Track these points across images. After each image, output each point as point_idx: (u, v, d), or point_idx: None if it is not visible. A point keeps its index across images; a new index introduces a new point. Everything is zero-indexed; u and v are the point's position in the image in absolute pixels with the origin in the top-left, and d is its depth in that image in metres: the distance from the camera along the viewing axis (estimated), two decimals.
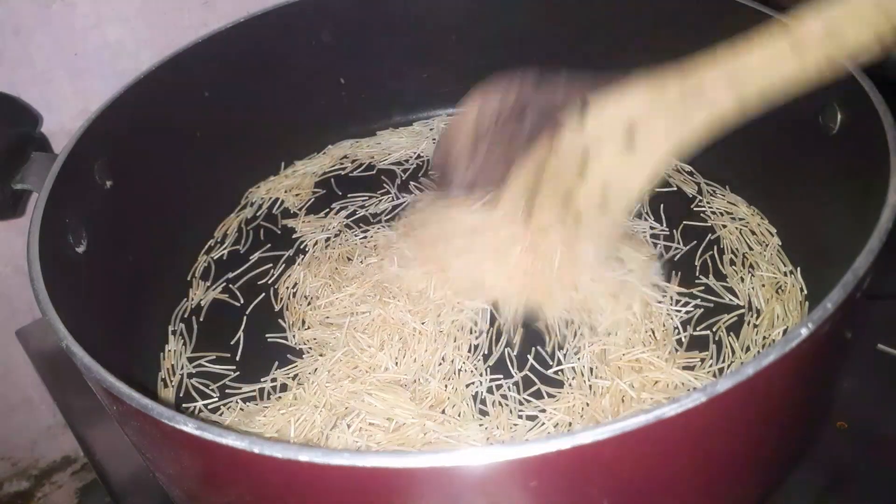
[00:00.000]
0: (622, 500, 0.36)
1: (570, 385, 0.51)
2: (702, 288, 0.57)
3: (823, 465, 0.49)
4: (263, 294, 0.62)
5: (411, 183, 0.71)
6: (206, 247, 0.67)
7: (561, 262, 0.51)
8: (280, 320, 0.59)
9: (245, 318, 0.60)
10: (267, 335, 0.58)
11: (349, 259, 0.63)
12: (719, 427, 0.35)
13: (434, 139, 0.76)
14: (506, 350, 0.55)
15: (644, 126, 0.48)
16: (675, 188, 0.67)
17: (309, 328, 0.57)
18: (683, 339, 0.54)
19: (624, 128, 0.49)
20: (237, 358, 0.57)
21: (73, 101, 0.70)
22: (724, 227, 0.62)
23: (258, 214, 0.70)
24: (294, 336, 0.57)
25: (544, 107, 0.51)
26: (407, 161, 0.74)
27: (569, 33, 0.74)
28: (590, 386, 0.51)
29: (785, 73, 0.43)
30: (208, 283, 0.63)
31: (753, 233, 0.61)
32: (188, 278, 0.64)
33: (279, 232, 0.68)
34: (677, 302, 0.56)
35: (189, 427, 0.33)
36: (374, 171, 0.73)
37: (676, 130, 0.47)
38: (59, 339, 0.41)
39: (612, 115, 0.49)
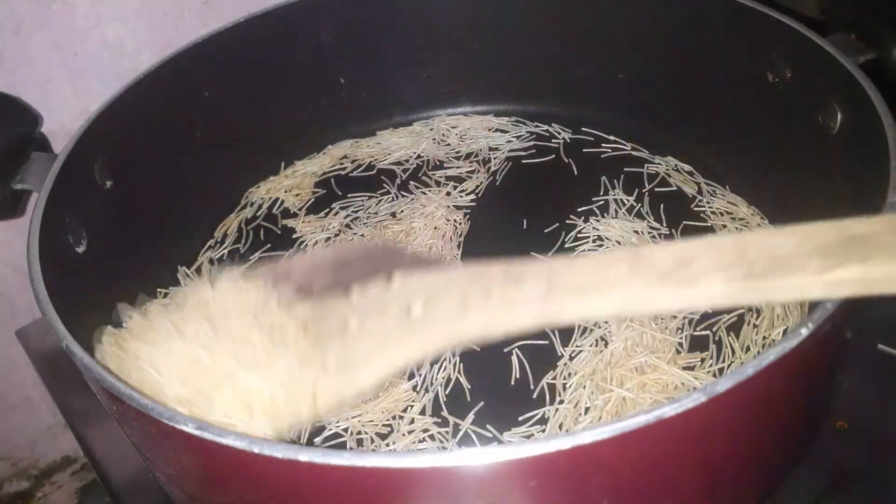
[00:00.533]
0: (622, 500, 0.36)
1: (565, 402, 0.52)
2: None
3: (823, 465, 0.49)
4: None
5: (411, 183, 0.71)
6: (206, 247, 0.67)
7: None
8: None
9: None
10: None
11: None
12: (719, 427, 0.35)
13: (434, 139, 0.76)
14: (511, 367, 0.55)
15: (429, 304, 0.41)
16: (675, 188, 0.67)
17: None
18: (683, 340, 0.54)
19: (409, 300, 0.42)
20: None
21: (73, 101, 0.70)
22: (724, 227, 0.62)
23: (258, 214, 0.70)
24: None
25: (372, 266, 0.46)
26: (407, 161, 0.74)
27: (568, 34, 0.74)
28: (586, 408, 0.50)
29: (617, 293, 0.36)
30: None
31: None
32: (188, 278, 0.64)
33: (279, 232, 0.68)
34: None
35: (189, 427, 0.33)
36: (374, 171, 0.73)
37: (455, 323, 0.40)
38: (59, 339, 0.41)
39: (408, 284, 0.43)
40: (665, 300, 0.36)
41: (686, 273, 0.35)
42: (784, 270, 0.33)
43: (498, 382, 0.53)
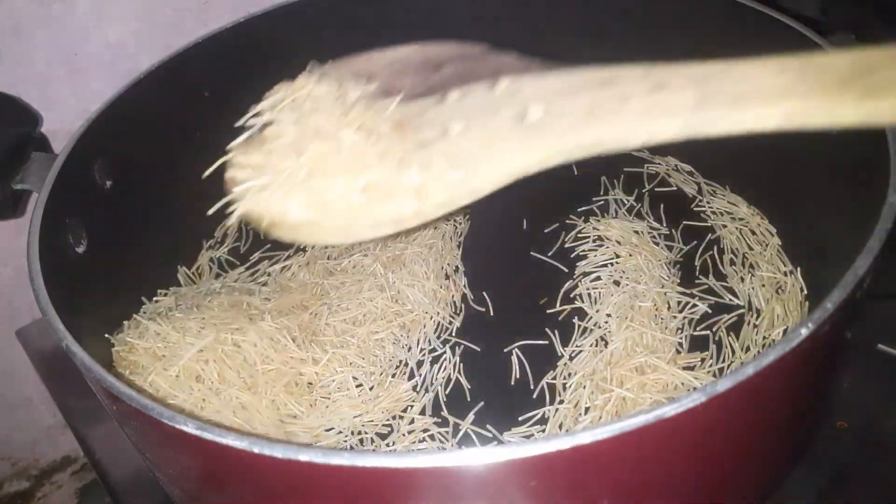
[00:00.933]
0: (622, 500, 0.36)
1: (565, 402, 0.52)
2: (702, 288, 0.57)
3: (823, 465, 0.49)
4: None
5: None
6: (206, 247, 0.67)
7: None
8: None
9: None
10: None
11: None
12: (719, 427, 0.35)
13: None
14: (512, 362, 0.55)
15: (550, 109, 0.38)
16: (675, 188, 0.67)
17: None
18: (683, 340, 0.54)
19: (524, 103, 0.38)
20: None
21: (73, 101, 0.70)
22: (724, 227, 0.62)
23: None
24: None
25: (468, 69, 0.41)
26: None
27: (568, 33, 0.74)
28: (586, 408, 0.50)
29: (787, 105, 0.33)
30: (208, 283, 0.63)
31: (753, 233, 0.61)
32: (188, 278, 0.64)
33: None
34: (678, 303, 0.56)
35: (189, 427, 0.33)
36: None
37: (585, 128, 0.36)
38: (59, 339, 0.41)
39: (520, 88, 0.39)
40: (843, 113, 0.31)
41: (870, 81, 0.30)
42: None
43: (498, 382, 0.53)
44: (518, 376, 0.53)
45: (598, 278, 0.59)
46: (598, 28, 0.72)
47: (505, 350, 0.55)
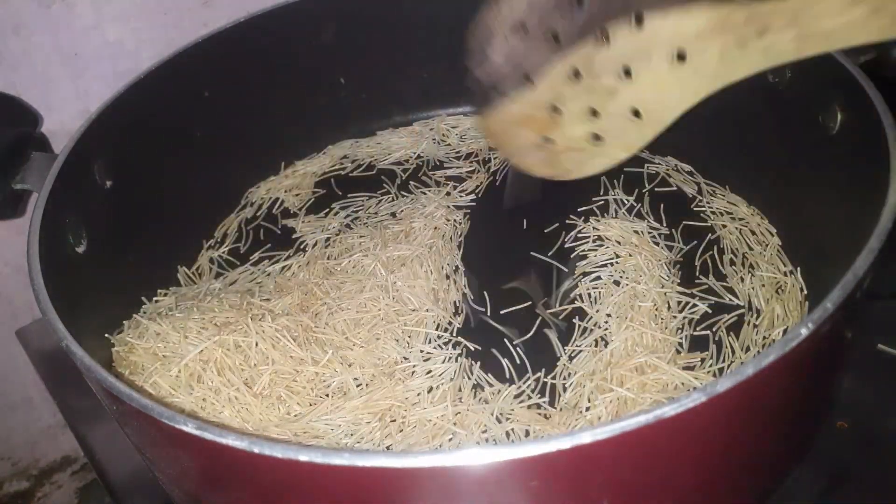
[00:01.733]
0: (622, 499, 0.36)
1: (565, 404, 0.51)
2: (702, 288, 0.57)
3: (823, 465, 0.49)
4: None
5: (411, 183, 0.71)
6: (206, 247, 0.67)
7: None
8: None
9: None
10: None
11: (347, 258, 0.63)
12: (719, 427, 0.35)
13: (434, 139, 0.76)
14: (512, 353, 0.55)
15: (698, 44, 0.46)
16: (675, 188, 0.67)
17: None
18: (683, 340, 0.54)
19: (677, 42, 0.46)
20: None
21: (73, 101, 0.70)
22: (724, 227, 0.62)
23: (258, 214, 0.70)
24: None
25: (604, 3, 0.48)
26: (407, 161, 0.74)
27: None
28: (587, 408, 0.50)
29: (857, 22, 0.39)
30: (208, 283, 0.63)
31: (753, 233, 0.61)
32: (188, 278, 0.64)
33: (279, 232, 0.68)
34: (678, 303, 0.56)
35: (189, 427, 0.33)
36: (374, 171, 0.73)
37: (731, 57, 0.45)
38: (59, 339, 0.41)
39: (667, 27, 0.46)
40: None
41: None
42: None
43: (498, 382, 0.53)
44: (518, 376, 0.53)
45: (598, 278, 0.59)
46: None
47: (505, 350, 0.55)
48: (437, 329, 0.57)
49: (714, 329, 0.54)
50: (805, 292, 0.55)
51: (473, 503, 0.33)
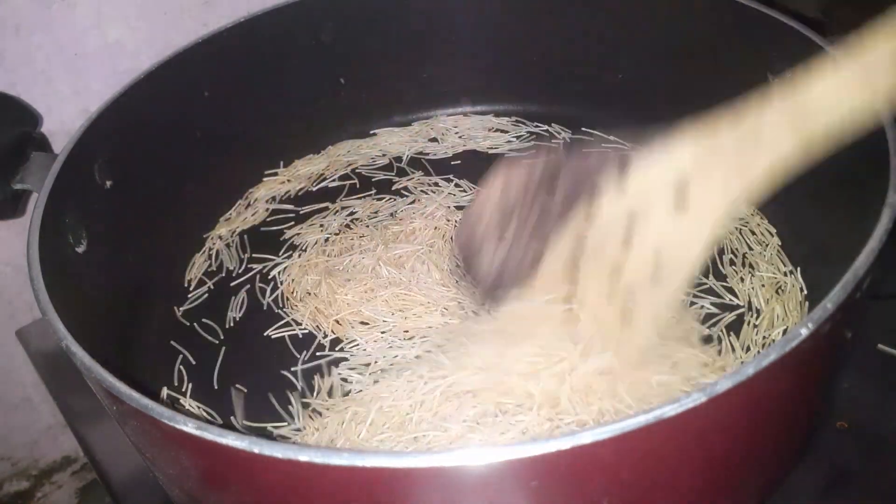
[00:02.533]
0: (622, 499, 0.36)
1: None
2: (702, 288, 0.57)
3: (823, 465, 0.49)
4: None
5: (411, 183, 0.71)
6: (206, 246, 0.67)
7: (619, 354, 0.45)
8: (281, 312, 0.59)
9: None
10: (266, 331, 0.58)
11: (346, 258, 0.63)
12: (719, 427, 0.35)
13: (434, 139, 0.76)
14: None
15: (697, 182, 0.43)
16: None
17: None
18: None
19: (673, 187, 0.43)
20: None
21: (73, 101, 0.70)
22: (724, 226, 0.62)
23: (257, 214, 0.70)
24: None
25: (578, 172, 0.45)
26: (406, 161, 0.74)
27: (568, 34, 0.74)
28: None
29: (852, 105, 0.38)
30: (208, 283, 0.63)
31: (753, 233, 0.61)
32: (188, 278, 0.64)
33: (278, 232, 0.68)
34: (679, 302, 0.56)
35: (189, 427, 0.33)
36: (374, 171, 0.73)
37: (735, 183, 0.42)
38: (59, 339, 0.41)
39: (658, 173, 0.44)
40: None
41: None
42: None
43: None
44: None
45: None
46: (598, 27, 0.72)
47: None
48: (437, 329, 0.57)
49: (714, 329, 0.54)
50: (805, 292, 0.55)
51: (473, 503, 0.33)
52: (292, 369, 0.55)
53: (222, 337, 0.59)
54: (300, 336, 0.58)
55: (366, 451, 0.31)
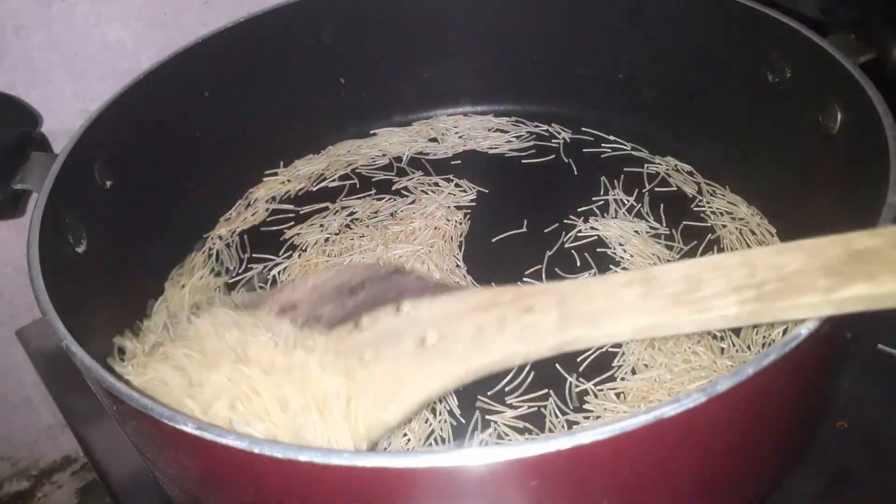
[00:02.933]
0: (622, 500, 0.36)
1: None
2: None
3: (823, 465, 0.49)
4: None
5: (411, 183, 0.71)
6: (206, 246, 0.67)
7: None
8: None
9: None
10: None
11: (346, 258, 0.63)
12: (719, 427, 0.35)
13: (434, 139, 0.76)
14: None
15: (443, 333, 0.41)
16: (675, 188, 0.67)
17: None
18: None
19: (422, 329, 0.42)
20: None
21: (73, 101, 0.70)
22: (724, 227, 0.62)
23: (257, 214, 0.70)
24: None
25: (378, 293, 0.46)
26: (406, 161, 0.74)
27: (568, 34, 0.74)
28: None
29: (628, 302, 0.36)
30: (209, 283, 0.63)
31: (753, 233, 0.61)
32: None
33: (279, 232, 0.68)
34: None
35: (189, 427, 0.33)
36: (374, 171, 0.73)
37: (484, 336, 0.39)
38: (59, 339, 0.41)
39: (419, 313, 0.43)
40: (680, 325, 0.35)
41: (698, 296, 0.34)
42: (794, 291, 0.33)
43: (499, 380, 0.53)
44: (520, 375, 0.53)
45: None
46: (599, 25, 0.72)
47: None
48: None
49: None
50: None
51: (473, 503, 0.33)
52: None
53: None
54: None
55: (366, 452, 0.31)
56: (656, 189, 0.67)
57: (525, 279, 0.61)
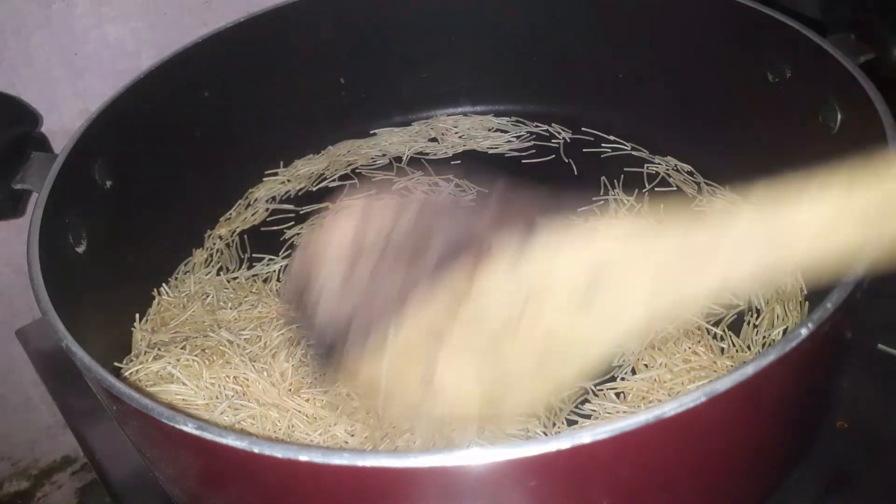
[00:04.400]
0: (622, 500, 0.36)
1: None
2: None
3: (823, 465, 0.49)
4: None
5: (411, 182, 0.71)
6: (206, 246, 0.67)
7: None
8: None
9: None
10: None
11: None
12: (719, 427, 0.35)
13: (434, 139, 0.76)
14: None
15: (621, 275, 0.35)
16: (675, 188, 0.67)
17: None
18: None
19: (590, 274, 0.35)
20: None
21: (73, 101, 0.70)
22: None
23: (257, 214, 0.70)
24: None
25: (463, 234, 0.37)
26: (405, 161, 0.74)
27: (568, 33, 0.74)
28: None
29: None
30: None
31: None
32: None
33: (279, 232, 0.68)
34: None
35: (189, 427, 0.33)
36: (374, 171, 0.73)
37: (664, 292, 0.34)
38: (59, 339, 0.41)
39: (575, 257, 0.36)
40: None
41: None
42: None
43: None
44: None
45: None
46: (598, 26, 0.72)
47: None
48: None
49: (714, 328, 0.54)
50: (805, 292, 0.55)
51: (473, 503, 0.33)
52: None
53: None
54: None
55: (366, 452, 0.31)
56: (656, 189, 0.67)
57: None
